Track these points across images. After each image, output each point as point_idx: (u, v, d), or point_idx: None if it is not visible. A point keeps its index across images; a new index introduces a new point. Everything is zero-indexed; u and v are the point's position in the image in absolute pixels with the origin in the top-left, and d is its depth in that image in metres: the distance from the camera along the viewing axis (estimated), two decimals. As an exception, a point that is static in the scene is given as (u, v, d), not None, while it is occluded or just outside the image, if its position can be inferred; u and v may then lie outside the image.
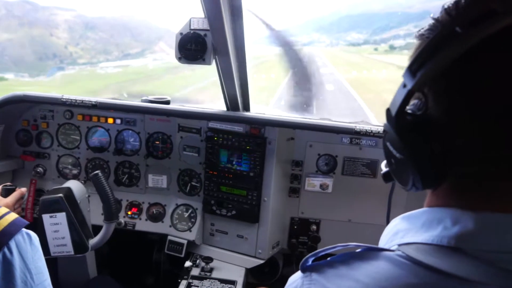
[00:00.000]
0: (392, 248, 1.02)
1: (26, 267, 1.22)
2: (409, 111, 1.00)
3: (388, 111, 1.02)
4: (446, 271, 0.91)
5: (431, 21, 0.99)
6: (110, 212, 2.69)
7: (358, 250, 1.05)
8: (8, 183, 2.75)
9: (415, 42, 1.04)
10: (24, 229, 1.25)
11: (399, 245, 1.01)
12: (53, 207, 2.59)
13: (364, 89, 17.68)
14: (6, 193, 2.67)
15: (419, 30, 1.02)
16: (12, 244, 1.20)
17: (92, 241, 2.72)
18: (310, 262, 1.08)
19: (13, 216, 1.26)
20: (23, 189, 2.73)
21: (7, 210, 1.26)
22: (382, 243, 1.12)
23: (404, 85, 0.95)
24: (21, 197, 2.73)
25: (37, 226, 2.44)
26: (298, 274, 1.11)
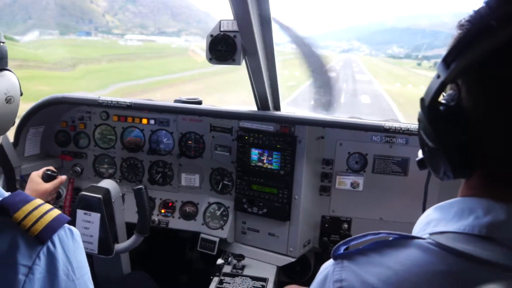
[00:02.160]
0: (423, 237, 1.04)
1: (68, 260, 1.28)
2: (443, 101, 1.02)
3: (422, 100, 1.04)
4: (477, 256, 0.92)
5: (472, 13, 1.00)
6: (144, 226, 2.77)
7: (390, 238, 1.07)
8: (51, 168, 2.84)
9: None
10: (66, 225, 1.32)
11: (431, 234, 1.04)
12: (90, 205, 2.68)
13: (411, 107, 14.82)
14: (48, 178, 2.76)
15: (460, 20, 1.03)
16: (56, 238, 1.27)
17: (118, 247, 2.81)
18: (341, 250, 1.11)
19: (56, 212, 1.32)
20: (64, 177, 2.83)
21: (50, 206, 1.33)
22: (415, 233, 1.15)
23: (438, 76, 0.98)
24: (60, 185, 2.82)
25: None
26: (330, 262, 1.14)
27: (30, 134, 3.31)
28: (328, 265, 1.15)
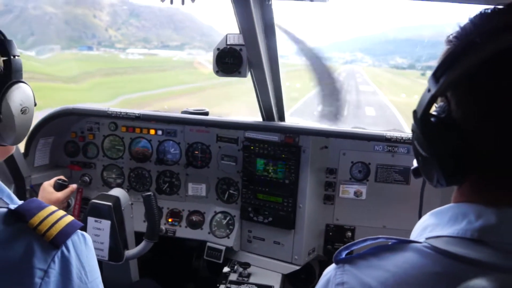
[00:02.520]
0: (420, 241, 1.10)
1: (81, 265, 1.34)
2: (434, 113, 1.09)
3: (414, 112, 1.10)
4: (470, 257, 0.98)
5: (458, 29, 1.07)
6: (153, 232, 2.82)
7: (389, 243, 1.12)
8: (62, 177, 2.90)
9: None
10: (79, 230, 1.38)
11: (427, 238, 1.09)
12: (100, 213, 2.74)
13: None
14: (59, 187, 2.82)
15: (449, 36, 1.10)
16: (69, 243, 1.32)
17: (128, 253, 2.85)
18: (343, 255, 1.16)
19: (69, 218, 1.38)
20: (74, 186, 2.88)
21: (64, 212, 1.39)
22: (412, 237, 1.20)
23: (429, 90, 1.04)
24: (71, 194, 2.88)
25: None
26: (332, 266, 1.19)
27: (40, 144, 3.38)
28: (330, 270, 1.20)
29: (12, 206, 1.31)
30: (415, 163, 1.34)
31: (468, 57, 0.98)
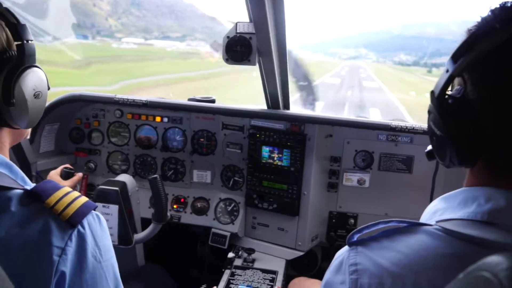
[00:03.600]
0: (431, 223, 1.14)
1: (96, 244, 1.37)
2: (451, 94, 1.13)
3: (432, 93, 1.15)
4: (480, 237, 1.03)
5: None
6: (161, 214, 2.84)
7: (400, 225, 1.17)
8: (68, 166, 2.93)
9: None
10: (93, 211, 1.41)
11: (437, 221, 1.14)
12: (108, 198, 2.75)
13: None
14: (66, 176, 2.85)
15: (469, 27, 1.14)
16: (85, 222, 1.35)
17: (137, 236, 2.88)
18: (355, 238, 1.21)
19: (84, 198, 1.41)
20: (80, 174, 2.90)
21: (78, 193, 1.42)
22: (422, 221, 1.25)
23: (447, 70, 1.09)
24: (78, 182, 2.91)
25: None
26: (345, 248, 1.24)
27: (46, 131, 3.40)
28: (343, 252, 1.25)
29: (28, 187, 1.35)
30: (429, 147, 1.38)
31: (485, 39, 1.03)
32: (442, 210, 1.18)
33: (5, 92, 1.34)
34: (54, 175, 2.83)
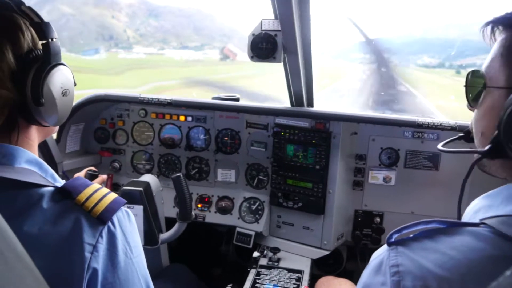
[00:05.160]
0: (476, 222, 1.09)
1: (126, 240, 1.37)
2: None
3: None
4: None
5: None
6: (186, 213, 2.84)
7: (442, 226, 1.12)
8: (93, 168, 2.94)
9: None
10: (123, 207, 1.42)
11: (481, 219, 1.09)
12: (132, 198, 2.76)
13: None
14: (90, 178, 2.85)
15: None
16: (115, 219, 1.35)
17: (163, 236, 2.89)
18: (393, 238, 1.16)
19: (114, 195, 1.41)
20: (104, 176, 2.91)
21: (107, 190, 1.43)
22: (465, 220, 1.20)
23: None
24: (102, 183, 2.92)
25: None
26: (384, 248, 1.19)
27: (71, 131, 3.44)
28: (382, 251, 1.19)
29: (58, 184, 1.35)
30: None
31: None
32: (485, 208, 1.14)
33: (34, 92, 1.34)
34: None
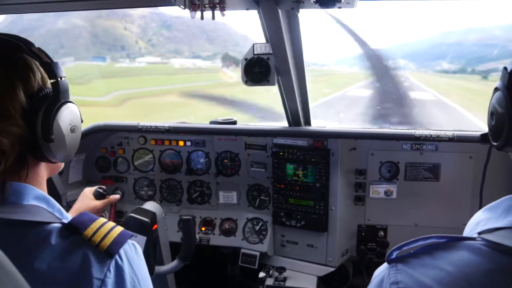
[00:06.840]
0: (473, 236, 1.11)
1: (134, 272, 1.38)
2: None
3: (505, 69, 1.14)
4: None
5: None
6: (187, 254, 2.87)
7: (441, 241, 1.13)
8: (103, 187, 2.95)
9: None
10: (129, 240, 1.43)
11: (479, 233, 1.10)
12: (138, 228, 2.76)
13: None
14: (99, 196, 2.87)
15: None
16: (122, 252, 1.37)
17: (158, 269, 2.91)
18: (394, 255, 1.17)
19: (120, 228, 1.43)
20: (111, 198, 2.96)
21: (113, 223, 1.45)
22: (465, 234, 1.21)
23: None
24: (108, 204, 2.95)
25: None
26: (384, 266, 1.20)
27: (73, 162, 3.47)
28: (383, 269, 1.21)
29: (65, 220, 1.37)
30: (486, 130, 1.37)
31: None
32: (484, 221, 1.15)
33: (44, 129, 1.37)
34: (89, 193, 2.85)
